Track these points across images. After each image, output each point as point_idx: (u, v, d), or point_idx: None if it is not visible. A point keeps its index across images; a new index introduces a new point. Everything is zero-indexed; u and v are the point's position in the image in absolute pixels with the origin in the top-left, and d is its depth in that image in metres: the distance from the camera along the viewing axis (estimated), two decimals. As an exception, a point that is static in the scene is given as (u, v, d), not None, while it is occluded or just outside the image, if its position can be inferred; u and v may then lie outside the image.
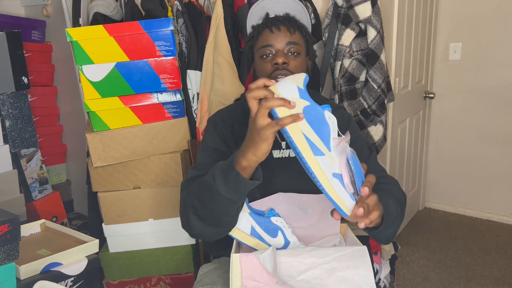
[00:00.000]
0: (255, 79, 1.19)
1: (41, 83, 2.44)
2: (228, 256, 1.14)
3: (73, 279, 1.30)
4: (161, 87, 1.59)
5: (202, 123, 1.74)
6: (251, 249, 1.06)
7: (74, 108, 2.46)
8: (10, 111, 1.83)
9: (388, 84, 1.94)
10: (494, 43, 2.66)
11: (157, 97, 1.60)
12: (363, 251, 0.99)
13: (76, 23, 1.92)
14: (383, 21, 1.84)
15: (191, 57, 1.76)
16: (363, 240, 1.08)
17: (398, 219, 1.03)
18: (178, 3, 1.74)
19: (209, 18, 1.79)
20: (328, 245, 1.11)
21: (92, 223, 1.98)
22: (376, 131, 1.89)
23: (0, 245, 1.14)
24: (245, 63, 1.75)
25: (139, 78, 1.56)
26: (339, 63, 1.82)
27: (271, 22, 1.15)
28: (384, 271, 1.77)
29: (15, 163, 1.88)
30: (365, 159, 1.13)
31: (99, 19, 1.80)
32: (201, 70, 1.75)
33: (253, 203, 1.09)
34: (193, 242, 1.76)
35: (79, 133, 2.43)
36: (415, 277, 2.28)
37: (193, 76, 1.77)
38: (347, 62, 1.81)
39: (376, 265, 1.73)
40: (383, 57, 1.82)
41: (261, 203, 1.10)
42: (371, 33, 1.77)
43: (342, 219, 1.09)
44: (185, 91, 1.77)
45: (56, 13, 2.38)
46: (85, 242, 1.37)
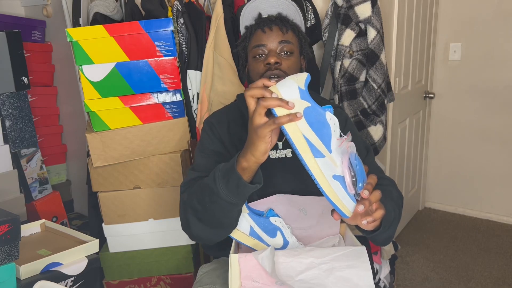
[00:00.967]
0: (249, 79, 1.19)
1: (41, 83, 2.44)
2: (227, 256, 1.14)
3: (73, 279, 1.30)
4: (161, 87, 1.59)
5: (202, 123, 1.74)
6: (250, 249, 1.06)
7: (74, 108, 2.46)
8: (10, 111, 1.83)
9: (388, 84, 1.94)
10: (494, 43, 2.66)
11: (157, 97, 1.60)
12: (362, 251, 0.99)
13: (76, 23, 1.92)
14: (383, 21, 1.84)
15: (191, 57, 1.76)
16: (362, 240, 1.08)
17: (395, 221, 1.03)
18: (178, 3, 1.74)
19: (209, 18, 1.79)
20: (327, 245, 1.11)
21: (92, 223, 1.97)
22: (376, 131, 1.89)
23: (0, 245, 1.14)
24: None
25: (139, 78, 1.56)
26: (339, 63, 1.82)
27: (264, 22, 1.15)
28: (384, 271, 1.77)
29: (15, 163, 1.88)
30: (362, 160, 1.13)
31: (99, 19, 1.80)
32: (201, 70, 1.75)
33: (252, 204, 1.09)
34: (193, 242, 1.76)
35: (79, 133, 2.43)
36: (415, 277, 2.28)
37: (193, 76, 1.77)
38: (347, 62, 1.81)
39: (376, 265, 1.73)
40: (383, 57, 1.82)
41: (260, 204, 1.10)
42: (371, 33, 1.77)
43: (341, 220, 1.09)
44: (185, 91, 1.77)
45: (56, 13, 2.38)
46: (85, 242, 1.37)
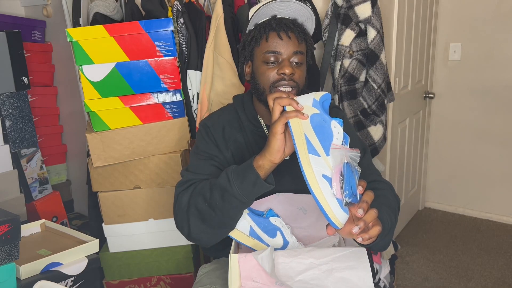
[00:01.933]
0: (254, 81, 1.15)
1: (41, 83, 2.44)
2: (227, 256, 1.14)
3: (73, 279, 1.30)
4: (161, 87, 1.59)
5: (202, 123, 1.74)
6: (250, 249, 1.06)
7: (74, 108, 2.46)
8: (10, 111, 1.83)
9: (388, 84, 1.94)
10: (494, 43, 2.66)
11: (157, 97, 1.60)
12: (361, 252, 0.99)
13: (76, 23, 1.92)
14: (383, 21, 1.84)
15: (191, 57, 1.76)
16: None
17: (392, 229, 1.03)
18: (178, 3, 1.74)
19: (209, 18, 1.79)
20: (327, 245, 1.11)
21: (92, 223, 1.98)
22: (376, 131, 1.89)
23: (0, 245, 1.14)
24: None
25: (139, 78, 1.56)
26: (339, 63, 1.82)
27: (280, 26, 1.08)
28: (384, 271, 1.76)
29: (15, 163, 1.88)
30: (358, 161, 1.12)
31: (99, 19, 1.80)
32: (201, 70, 1.75)
33: (252, 204, 1.09)
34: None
35: (79, 133, 2.43)
36: (415, 277, 2.28)
37: (193, 76, 1.77)
38: (347, 62, 1.81)
39: (376, 265, 1.73)
40: (383, 57, 1.82)
41: (260, 204, 1.10)
42: (371, 33, 1.77)
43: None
44: (185, 91, 1.77)
45: (56, 13, 2.38)
46: (85, 242, 1.37)
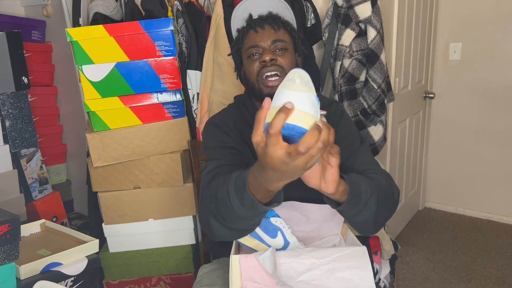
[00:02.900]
0: (246, 81, 1.18)
1: (41, 83, 2.44)
2: (228, 256, 1.14)
3: (73, 279, 1.30)
4: (161, 87, 1.59)
5: (202, 123, 1.74)
6: (250, 250, 1.06)
7: (74, 108, 2.46)
8: (10, 111, 1.83)
9: (388, 84, 1.94)
10: (494, 43, 2.66)
11: (157, 97, 1.60)
12: (362, 251, 0.99)
13: (76, 23, 1.92)
14: (383, 21, 1.83)
15: (191, 57, 1.76)
16: (363, 240, 1.08)
17: (371, 206, 0.95)
18: (178, 3, 1.74)
19: (209, 18, 1.79)
20: (328, 245, 1.11)
21: (92, 223, 1.98)
22: (376, 131, 1.89)
23: (0, 245, 1.14)
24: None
25: (139, 78, 1.56)
26: (339, 63, 1.82)
27: (255, 22, 1.15)
28: (384, 271, 1.76)
29: (15, 163, 1.88)
30: (354, 151, 1.12)
31: (99, 19, 1.80)
32: (201, 70, 1.75)
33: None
34: (193, 242, 1.76)
35: (79, 133, 2.43)
36: (415, 277, 2.28)
37: (193, 76, 1.77)
38: (347, 62, 1.81)
39: (376, 265, 1.73)
40: (383, 57, 1.82)
41: None
42: (371, 33, 1.77)
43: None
44: (185, 91, 1.76)
45: (56, 13, 2.38)
46: (85, 242, 1.37)
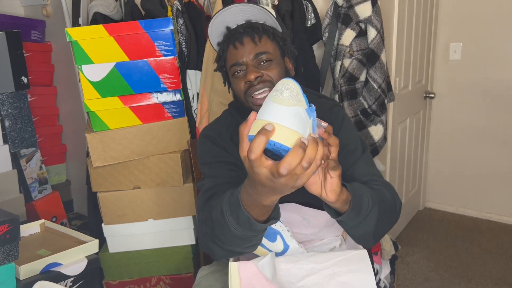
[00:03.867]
0: (235, 97, 1.12)
1: (40, 83, 2.43)
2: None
3: (72, 279, 1.29)
4: (161, 87, 1.58)
5: (202, 123, 1.74)
6: (250, 254, 1.05)
7: (74, 108, 2.46)
8: (9, 111, 1.83)
9: (388, 84, 1.94)
10: (494, 43, 2.66)
11: (157, 97, 1.59)
12: (363, 254, 0.98)
13: (75, 23, 1.92)
14: (383, 21, 1.83)
15: (191, 57, 1.75)
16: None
17: (372, 218, 0.92)
18: (178, 3, 1.74)
19: (209, 18, 1.79)
20: (329, 247, 1.10)
21: (91, 223, 1.97)
22: (376, 131, 1.89)
23: (0, 245, 1.14)
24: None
25: (139, 78, 1.56)
26: (339, 63, 1.82)
27: (233, 36, 1.06)
28: (384, 271, 1.76)
29: (15, 163, 1.88)
30: (356, 160, 1.07)
31: (98, 19, 1.80)
32: (201, 70, 1.74)
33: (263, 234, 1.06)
34: (193, 242, 1.76)
35: (79, 133, 2.43)
36: (416, 277, 2.28)
37: (193, 76, 1.77)
38: (347, 62, 1.81)
39: (376, 266, 1.72)
40: (383, 57, 1.82)
41: None
42: (371, 33, 1.77)
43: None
44: (185, 91, 1.76)
45: (55, 13, 2.38)
46: (84, 242, 1.36)
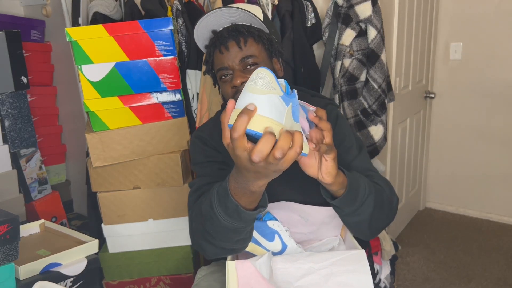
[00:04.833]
0: (224, 99, 1.14)
1: (40, 83, 2.43)
2: (225, 258, 1.13)
3: (72, 279, 1.29)
4: (160, 87, 1.58)
5: (201, 123, 1.74)
6: (248, 254, 1.05)
7: (73, 108, 2.45)
8: (9, 111, 1.83)
9: (388, 84, 1.93)
10: (495, 43, 2.66)
11: (157, 97, 1.59)
12: (361, 255, 0.98)
13: (75, 23, 1.92)
14: (384, 21, 1.83)
15: (191, 56, 1.75)
16: (362, 243, 1.07)
17: (368, 205, 0.94)
18: (178, 3, 1.74)
19: (209, 17, 1.79)
20: (327, 247, 1.10)
21: (91, 223, 1.97)
22: (376, 131, 1.89)
23: (0, 245, 1.14)
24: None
25: (138, 78, 1.56)
26: (339, 63, 1.82)
27: (219, 40, 1.06)
28: (384, 271, 1.76)
29: (15, 163, 1.88)
30: (352, 159, 1.07)
31: (98, 18, 1.80)
32: (200, 70, 1.74)
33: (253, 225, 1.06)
34: (193, 242, 1.76)
35: (78, 133, 2.42)
36: (416, 277, 2.28)
37: (193, 76, 1.77)
38: (347, 61, 1.81)
39: (376, 266, 1.72)
40: (383, 56, 1.82)
41: None
42: (372, 33, 1.77)
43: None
44: (185, 91, 1.76)
45: (55, 12, 2.37)
46: (84, 242, 1.37)
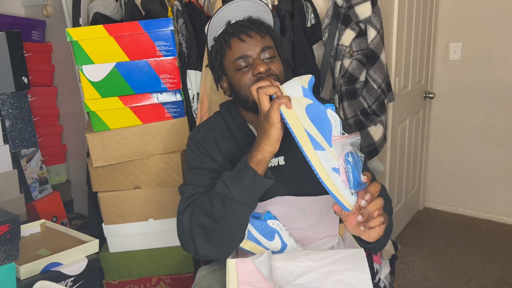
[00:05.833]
0: (235, 94, 1.11)
1: (41, 83, 2.44)
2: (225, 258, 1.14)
3: (73, 279, 1.30)
4: (161, 87, 1.58)
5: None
6: (248, 253, 1.06)
7: (74, 108, 2.46)
8: (10, 111, 1.83)
9: (388, 84, 1.94)
10: (494, 43, 2.66)
11: (157, 97, 1.59)
12: (360, 253, 0.98)
13: (76, 23, 1.92)
14: (383, 21, 1.84)
15: (191, 57, 1.75)
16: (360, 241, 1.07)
17: (390, 229, 1.04)
18: (178, 3, 1.74)
19: (209, 18, 1.79)
20: (326, 247, 1.11)
21: (92, 223, 1.97)
22: (376, 131, 1.89)
23: (0, 245, 1.14)
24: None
25: (139, 78, 1.56)
26: (339, 63, 1.82)
27: (237, 29, 1.05)
28: (384, 271, 1.76)
29: (15, 163, 1.88)
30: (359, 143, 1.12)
31: (99, 19, 1.80)
32: (201, 70, 1.74)
33: (256, 206, 1.08)
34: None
35: (79, 133, 2.43)
36: (415, 277, 2.28)
37: (193, 76, 1.77)
38: (347, 62, 1.81)
39: (376, 265, 1.72)
40: (383, 57, 1.82)
41: (258, 206, 1.09)
42: (371, 33, 1.77)
43: (340, 220, 1.08)
44: (185, 91, 1.76)
45: (56, 13, 2.38)
46: (85, 242, 1.37)
